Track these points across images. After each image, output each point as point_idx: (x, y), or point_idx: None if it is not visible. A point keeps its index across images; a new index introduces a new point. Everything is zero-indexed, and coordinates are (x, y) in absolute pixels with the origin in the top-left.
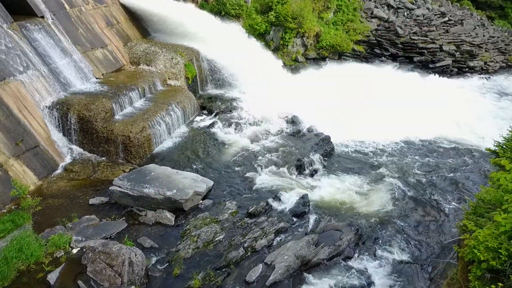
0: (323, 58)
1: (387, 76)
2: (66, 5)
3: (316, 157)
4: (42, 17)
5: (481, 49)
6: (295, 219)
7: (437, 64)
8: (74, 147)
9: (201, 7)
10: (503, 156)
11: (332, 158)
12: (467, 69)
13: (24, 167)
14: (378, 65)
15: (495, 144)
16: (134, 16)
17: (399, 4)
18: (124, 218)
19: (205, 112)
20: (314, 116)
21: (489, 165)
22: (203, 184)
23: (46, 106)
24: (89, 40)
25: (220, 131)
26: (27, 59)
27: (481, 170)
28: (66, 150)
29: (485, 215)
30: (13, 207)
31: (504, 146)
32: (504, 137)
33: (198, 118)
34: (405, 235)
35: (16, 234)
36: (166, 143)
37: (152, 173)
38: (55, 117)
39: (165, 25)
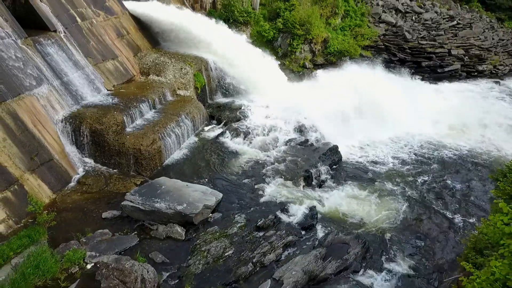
0: (331, 64)
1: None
2: (77, 18)
3: (324, 167)
4: (55, 31)
5: (490, 52)
6: (303, 232)
7: (446, 69)
8: (86, 159)
9: (210, 14)
10: (504, 188)
11: (340, 168)
12: (476, 73)
13: (39, 181)
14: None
15: (497, 173)
16: (143, 26)
17: (407, 8)
18: (136, 232)
19: (214, 121)
20: (322, 124)
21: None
22: (212, 197)
23: (59, 120)
24: (100, 52)
25: (229, 141)
26: (40, 73)
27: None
28: (79, 163)
29: (485, 252)
30: (29, 220)
31: (506, 175)
32: (506, 165)
33: (207, 128)
34: (411, 248)
35: (33, 250)
36: (176, 154)
37: (163, 187)
38: (68, 131)
39: (174, 35)
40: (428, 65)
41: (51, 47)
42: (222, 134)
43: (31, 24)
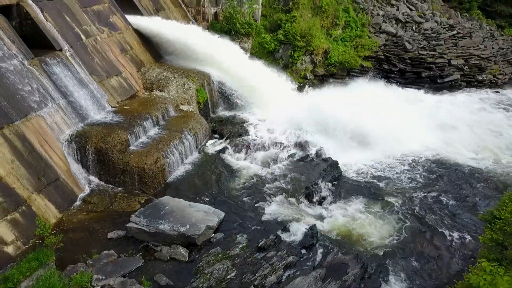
0: (332, 75)
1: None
2: (82, 36)
3: (324, 184)
4: (61, 50)
5: (490, 62)
6: (303, 252)
7: (446, 79)
8: (92, 177)
9: (212, 26)
10: (491, 236)
11: (340, 184)
12: (475, 83)
13: (46, 201)
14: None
15: (487, 214)
16: (146, 40)
17: (407, 18)
18: (140, 253)
19: (217, 136)
20: (323, 139)
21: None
22: (214, 217)
23: (65, 139)
24: (104, 69)
25: (231, 157)
26: (47, 93)
27: (490, 196)
28: (84, 181)
29: None
30: (37, 241)
31: (495, 216)
32: (495, 207)
33: (209, 142)
34: (409, 268)
35: (41, 273)
36: (179, 171)
37: (167, 207)
38: (74, 150)
39: (176, 49)
40: (428, 75)
41: (57, 66)
42: (224, 149)
43: (38, 44)
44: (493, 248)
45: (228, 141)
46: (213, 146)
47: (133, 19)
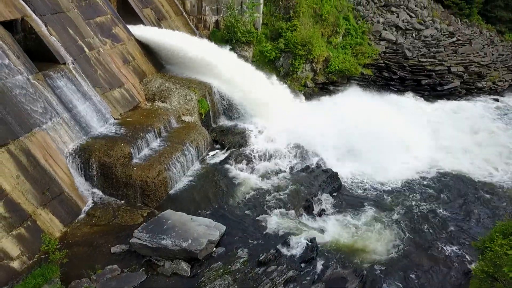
0: (332, 83)
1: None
2: (85, 48)
3: (324, 196)
4: (64, 63)
5: (490, 68)
6: (303, 265)
7: (445, 87)
8: (95, 190)
9: (213, 34)
10: (481, 268)
11: (340, 195)
12: (475, 90)
13: (50, 215)
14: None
15: (479, 241)
16: (148, 50)
17: (407, 25)
18: (143, 268)
19: (218, 146)
20: (323, 149)
21: (500, 201)
22: (216, 231)
23: (69, 153)
24: (107, 81)
25: (232, 168)
26: (51, 107)
27: (490, 208)
28: (88, 194)
29: None
30: (42, 256)
31: (487, 246)
32: (487, 235)
33: (211, 153)
34: (408, 281)
35: None
36: (181, 183)
37: (169, 222)
38: (77, 163)
39: (178, 59)
40: (428, 83)
41: (60, 80)
42: (225, 160)
43: (41, 57)
44: (484, 279)
45: (229, 152)
46: (214, 157)
47: (136, 29)
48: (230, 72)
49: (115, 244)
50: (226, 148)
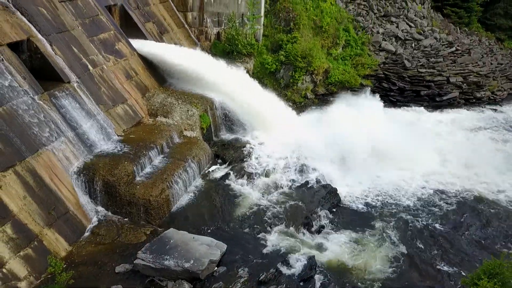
0: (332, 94)
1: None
2: (89, 66)
3: (323, 212)
4: (69, 82)
5: (489, 78)
6: (302, 284)
7: (444, 97)
8: (99, 208)
9: (214, 45)
10: None
11: (339, 211)
12: (474, 100)
13: (56, 234)
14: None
15: (469, 278)
16: (151, 64)
17: (407, 36)
18: None
19: (219, 160)
20: (323, 164)
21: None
22: (217, 250)
23: (74, 172)
24: (110, 98)
25: (233, 183)
26: (56, 127)
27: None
28: (92, 212)
29: None
30: (48, 276)
31: (476, 283)
32: (475, 272)
33: (212, 168)
34: None
35: None
36: (183, 200)
37: (171, 241)
38: (82, 182)
39: (180, 74)
40: (427, 94)
41: (65, 99)
42: (226, 176)
43: (46, 76)
44: None
45: (230, 166)
46: (215, 172)
47: (138, 44)
48: (230, 86)
49: (119, 263)
50: (227, 163)
